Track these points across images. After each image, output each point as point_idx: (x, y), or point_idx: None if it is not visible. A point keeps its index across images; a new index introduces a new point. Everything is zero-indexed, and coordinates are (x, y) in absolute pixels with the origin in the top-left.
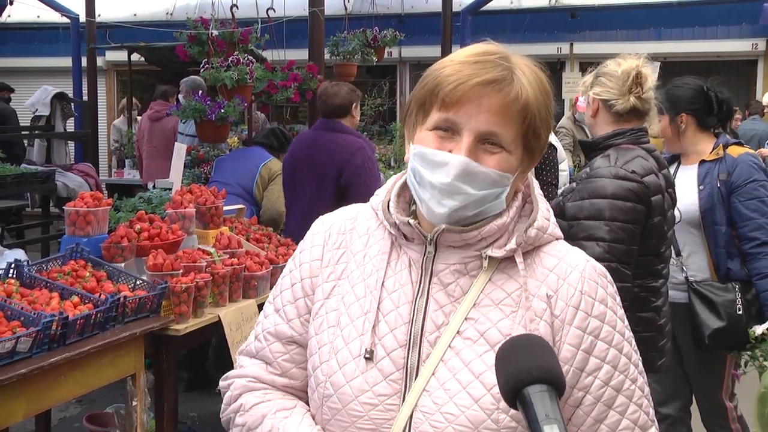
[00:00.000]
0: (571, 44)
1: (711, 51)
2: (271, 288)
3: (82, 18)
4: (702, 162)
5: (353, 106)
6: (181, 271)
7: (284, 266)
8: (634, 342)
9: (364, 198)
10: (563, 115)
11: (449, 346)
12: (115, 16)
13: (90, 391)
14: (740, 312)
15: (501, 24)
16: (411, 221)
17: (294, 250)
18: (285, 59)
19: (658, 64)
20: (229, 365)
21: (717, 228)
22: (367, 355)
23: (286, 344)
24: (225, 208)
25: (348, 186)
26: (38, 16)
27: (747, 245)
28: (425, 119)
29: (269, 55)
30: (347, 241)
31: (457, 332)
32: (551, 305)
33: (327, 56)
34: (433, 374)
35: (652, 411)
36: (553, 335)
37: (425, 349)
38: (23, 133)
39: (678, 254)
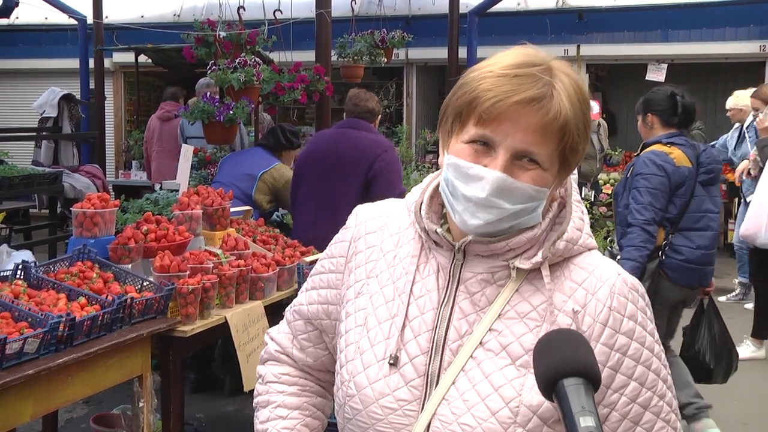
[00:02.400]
0: (578, 46)
1: (719, 53)
2: (278, 289)
3: (90, 20)
4: (635, 156)
5: (378, 116)
6: (188, 272)
7: (290, 268)
8: (663, 357)
9: (387, 192)
10: None
11: (471, 356)
12: (123, 18)
13: (97, 392)
14: None
15: (508, 26)
16: (439, 230)
17: (300, 252)
18: (292, 61)
19: (665, 65)
20: (236, 366)
21: (618, 210)
22: (392, 361)
23: (306, 323)
24: (231, 209)
25: (374, 178)
26: (46, 18)
27: (627, 225)
28: (461, 131)
29: (276, 56)
30: (378, 239)
31: (480, 343)
32: (578, 320)
33: (334, 58)
34: (453, 383)
35: (680, 426)
36: None
37: (447, 357)
38: (30, 134)
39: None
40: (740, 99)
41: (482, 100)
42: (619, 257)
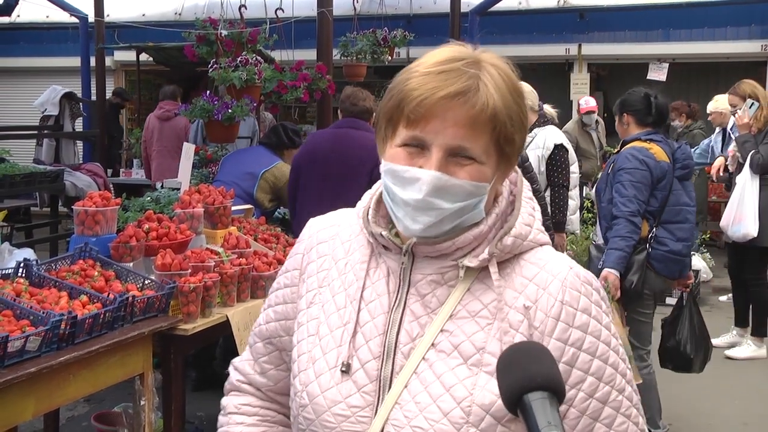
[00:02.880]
0: (580, 45)
1: (720, 52)
2: None
3: (91, 18)
4: (614, 153)
5: (374, 114)
6: (190, 270)
7: None
8: (621, 350)
9: None
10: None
11: (423, 358)
12: (124, 16)
13: (98, 391)
14: (600, 267)
15: (509, 25)
16: (384, 233)
17: None
18: (293, 59)
19: (667, 65)
20: None
21: (602, 205)
22: (344, 368)
23: (266, 344)
24: (233, 208)
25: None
26: (47, 16)
27: (612, 218)
28: (394, 135)
29: (278, 55)
30: (330, 248)
31: (432, 344)
32: (529, 317)
33: (336, 57)
34: (405, 387)
35: (642, 420)
36: None
37: (399, 361)
38: (32, 132)
39: (594, 225)
40: (720, 103)
41: (408, 100)
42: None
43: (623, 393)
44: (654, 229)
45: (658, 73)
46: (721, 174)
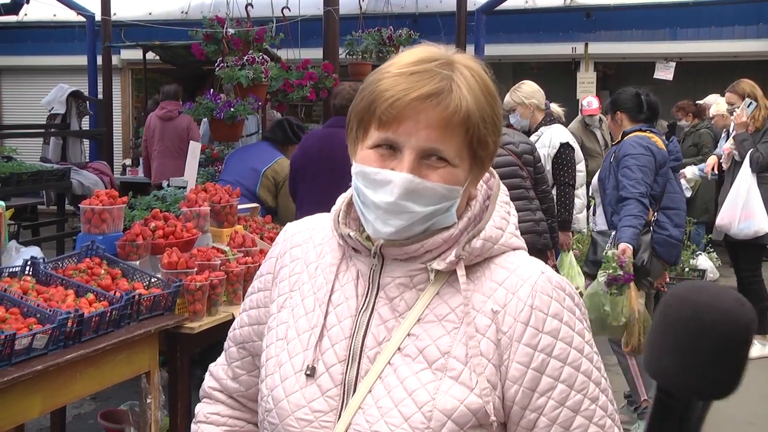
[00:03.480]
0: (586, 44)
1: (728, 51)
2: None
3: (98, 17)
4: (612, 145)
5: None
6: (196, 269)
7: None
8: (597, 358)
9: None
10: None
11: (389, 362)
12: (131, 15)
13: (105, 389)
14: (608, 248)
15: (515, 24)
16: (352, 234)
17: None
18: (300, 58)
19: (673, 64)
20: None
21: (607, 192)
22: (308, 372)
23: (239, 349)
24: (239, 207)
25: None
26: (54, 15)
27: (618, 202)
28: (365, 137)
29: (284, 54)
30: (303, 252)
31: (398, 348)
32: (498, 321)
33: (342, 55)
34: (369, 391)
35: (617, 430)
36: (500, 353)
37: (364, 365)
38: (39, 131)
39: (594, 213)
40: (722, 106)
41: (380, 101)
42: (615, 230)
43: (596, 402)
44: (656, 214)
45: (664, 72)
46: (715, 171)
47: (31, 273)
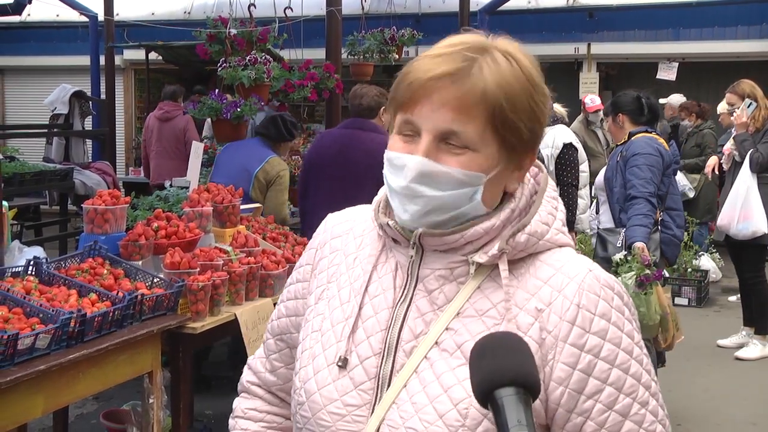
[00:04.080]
0: (589, 44)
1: (730, 51)
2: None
3: (101, 17)
4: (617, 146)
5: (382, 109)
6: (198, 269)
7: None
8: (647, 361)
9: None
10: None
11: (425, 356)
12: (133, 15)
13: (107, 388)
14: (620, 246)
15: (518, 24)
16: (390, 222)
17: None
18: (302, 58)
19: (676, 64)
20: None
21: (614, 190)
22: (340, 363)
23: (277, 341)
24: (242, 207)
25: None
26: (57, 15)
27: (626, 200)
28: (394, 122)
29: (286, 54)
30: (343, 243)
31: (436, 342)
32: (542, 320)
33: (344, 56)
34: (404, 386)
35: None
36: (544, 353)
37: (400, 358)
38: (42, 131)
39: (597, 212)
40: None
41: (401, 84)
42: (624, 229)
43: (646, 407)
44: (661, 214)
45: (667, 73)
46: (716, 172)
47: (33, 273)
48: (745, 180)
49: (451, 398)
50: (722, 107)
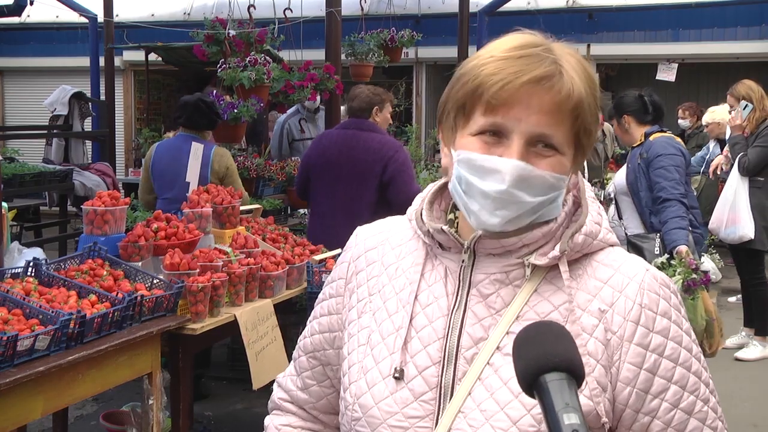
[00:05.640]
0: (588, 45)
1: (729, 52)
2: (287, 288)
3: (101, 18)
4: (632, 148)
5: (374, 108)
6: (198, 270)
7: (300, 266)
8: (703, 359)
9: (404, 193)
10: None
11: (488, 362)
12: (133, 17)
13: (107, 390)
14: (657, 252)
15: (518, 25)
16: (445, 228)
17: (309, 251)
18: (302, 59)
19: (676, 65)
20: (245, 365)
21: (640, 194)
22: (396, 374)
23: (309, 359)
24: (241, 208)
25: (390, 181)
26: (57, 16)
27: (656, 203)
28: (467, 123)
29: (286, 55)
30: (379, 254)
31: (497, 348)
32: (606, 321)
33: (344, 57)
34: (469, 394)
35: None
36: (610, 354)
37: (461, 366)
38: (41, 132)
39: (620, 218)
40: (717, 114)
41: (488, 85)
42: (661, 232)
43: (708, 404)
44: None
45: (667, 74)
46: (718, 173)
47: (33, 274)
48: (733, 184)
49: (523, 404)
50: (710, 117)
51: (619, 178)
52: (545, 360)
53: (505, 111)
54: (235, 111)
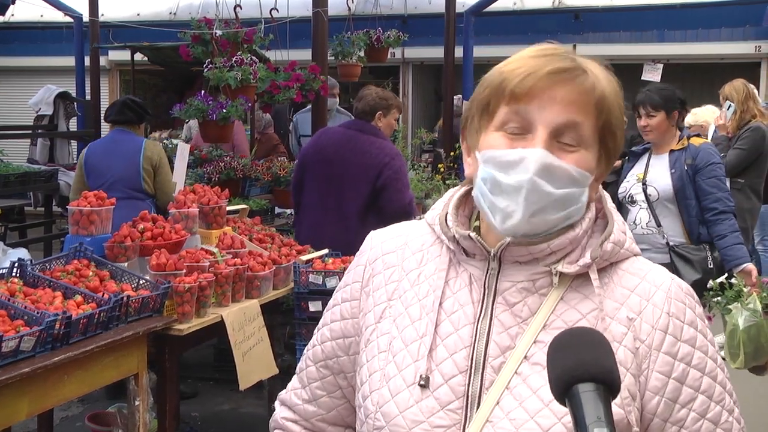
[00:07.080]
0: (574, 46)
1: (714, 53)
2: (274, 288)
3: (86, 17)
4: (671, 151)
5: (378, 113)
6: (184, 271)
7: (287, 266)
8: (726, 369)
9: (397, 201)
10: None
11: (516, 372)
12: (119, 16)
13: (93, 391)
14: (711, 266)
15: (504, 25)
16: (472, 234)
17: (296, 251)
18: (288, 59)
19: (661, 65)
20: (232, 365)
21: (688, 202)
22: (422, 382)
23: (320, 368)
24: (228, 208)
25: (384, 188)
26: (42, 16)
27: (708, 214)
28: (491, 120)
29: (272, 55)
30: (398, 258)
31: (525, 357)
32: (634, 329)
33: (330, 57)
34: (497, 403)
35: None
36: (639, 362)
37: (488, 375)
38: (26, 132)
39: (659, 225)
40: (699, 116)
41: (511, 78)
42: (722, 246)
43: (732, 414)
44: None
45: (652, 74)
46: None
47: (18, 275)
48: None
49: (554, 412)
50: (691, 119)
51: (663, 183)
52: (582, 369)
53: (528, 99)
54: (224, 111)
